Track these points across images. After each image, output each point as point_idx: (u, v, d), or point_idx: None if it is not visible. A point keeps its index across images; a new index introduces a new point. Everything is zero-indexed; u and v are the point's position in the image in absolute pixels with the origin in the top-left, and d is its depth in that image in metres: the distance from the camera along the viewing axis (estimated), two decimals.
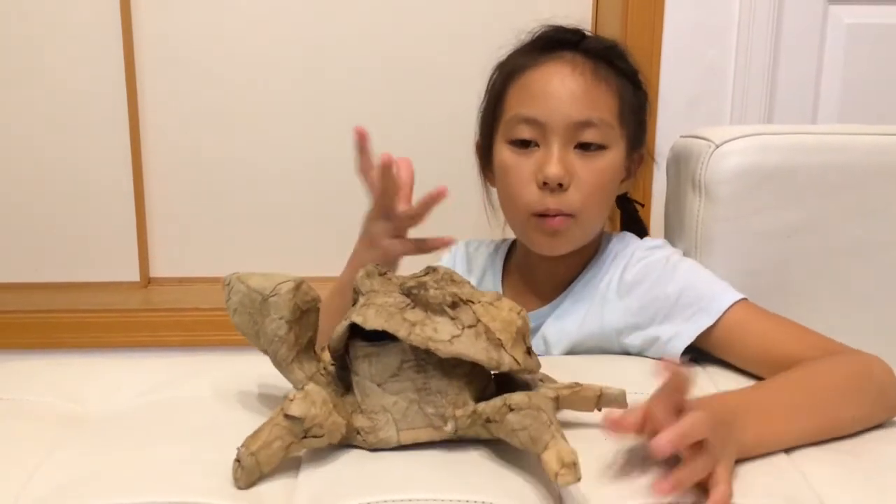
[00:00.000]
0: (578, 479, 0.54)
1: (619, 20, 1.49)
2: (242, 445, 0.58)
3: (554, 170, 0.88)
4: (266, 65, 1.55)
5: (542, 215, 0.91)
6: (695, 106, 1.50)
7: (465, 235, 1.13)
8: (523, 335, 0.64)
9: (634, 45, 1.46)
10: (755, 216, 0.94)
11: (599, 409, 0.66)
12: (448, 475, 0.59)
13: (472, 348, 0.60)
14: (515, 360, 0.62)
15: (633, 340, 0.89)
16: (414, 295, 0.62)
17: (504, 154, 0.93)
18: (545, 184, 0.89)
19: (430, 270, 0.65)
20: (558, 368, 0.80)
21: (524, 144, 0.91)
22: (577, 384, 0.66)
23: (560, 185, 0.88)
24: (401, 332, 0.60)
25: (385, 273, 0.67)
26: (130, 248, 1.60)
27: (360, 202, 1.60)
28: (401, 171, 0.91)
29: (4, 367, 0.85)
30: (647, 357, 0.88)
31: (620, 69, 0.94)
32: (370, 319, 0.61)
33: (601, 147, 0.90)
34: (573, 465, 0.54)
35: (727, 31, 1.51)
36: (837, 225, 0.95)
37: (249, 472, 0.58)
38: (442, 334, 0.60)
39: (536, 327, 0.97)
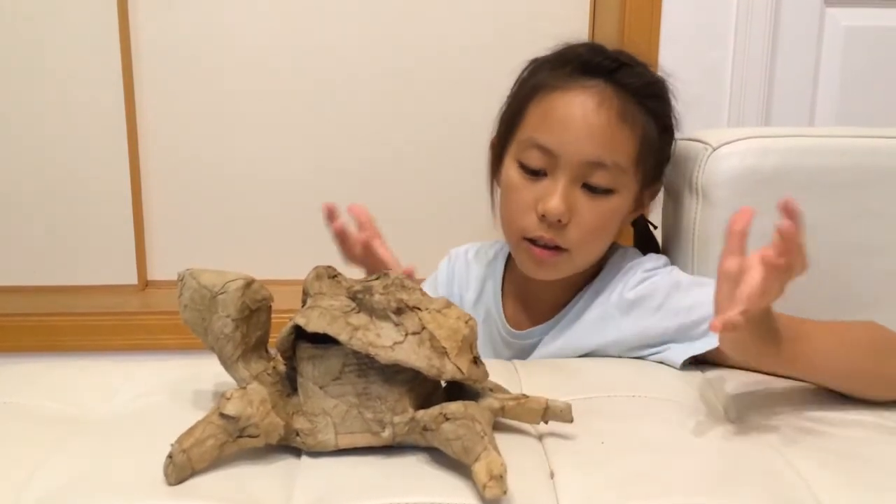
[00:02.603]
0: (504, 493, 0.54)
1: (617, 23, 1.49)
2: (176, 441, 0.59)
3: (555, 206, 0.86)
4: (264, 67, 1.55)
5: (533, 242, 0.89)
6: (692, 109, 1.49)
7: (469, 237, 1.13)
8: (470, 344, 0.64)
9: (631, 47, 1.45)
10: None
11: (546, 422, 0.65)
12: (448, 478, 0.59)
13: (412, 355, 0.60)
14: (459, 369, 0.62)
15: (637, 355, 0.89)
16: (359, 299, 0.62)
17: (511, 173, 0.91)
18: (544, 216, 0.87)
19: (382, 275, 0.65)
20: (557, 369, 0.81)
21: (533, 172, 0.89)
22: (523, 395, 0.66)
23: (559, 220, 0.87)
24: (342, 336, 0.60)
25: (336, 276, 0.67)
26: (128, 251, 1.60)
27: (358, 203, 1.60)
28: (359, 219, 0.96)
29: (2, 370, 0.85)
30: (644, 359, 0.88)
31: (651, 108, 0.90)
32: (313, 321, 0.61)
33: (609, 191, 0.88)
34: (500, 478, 0.54)
35: (724, 33, 1.51)
36: (835, 227, 0.95)
37: (180, 468, 0.58)
38: (384, 340, 0.60)
39: (534, 344, 0.96)
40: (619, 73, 0.89)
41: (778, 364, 0.75)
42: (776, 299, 0.66)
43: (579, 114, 0.87)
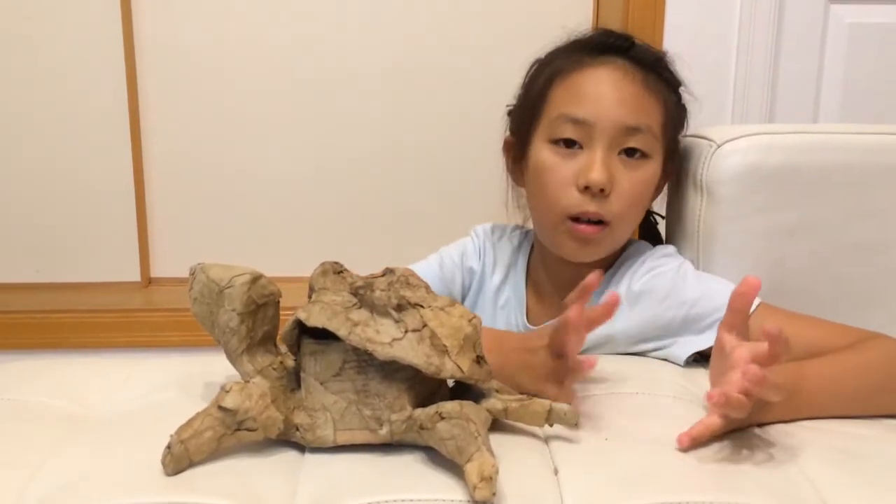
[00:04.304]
0: (494, 494, 0.54)
1: (620, 22, 1.49)
2: (174, 433, 0.59)
3: (598, 175, 0.86)
4: (267, 66, 1.55)
5: (577, 220, 0.88)
6: (696, 106, 1.49)
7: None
8: (473, 343, 0.64)
9: None
10: (756, 216, 0.94)
11: (551, 425, 0.65)
12: (449, 476, 0.59)
13: (411, 352, 0.60)
14: (459, 367, 0.61)
15: (643, 348, 0.89)
16: (360, 295, 0.63)
17: (544, 154, 0.90)
18: (587, 188, 0.87)
19: (388, 271, 0.65)
20: None
21: (568, 145, 0.89)
22: (528, 397, 0.66)
23: (602, 190, 0.87)
24: (341, 331, 0.60)
25: (341, 271, 0.67)
26: (131, 249, 1.60)
27: (359, 202, 1.60)
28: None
29: (6, 367, 0.85)
30: (648, 357, 0.88)
31: (667, 80, 0.93)
32: (313, 316, 0.61)
33: (645, 156, 0.89)
34: (490, 480, 0.54)
35: (728, 31, 1.51)
36: (839, 224, 0.95)
37: (178, 459, 0.59)
38: (383, 336, 0.60)
39: None
40: (633, 50, 0.92)
41: (775, 418, 0.71)
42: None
43: (609, 84, 0.89)
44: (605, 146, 0.87)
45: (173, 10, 1.53)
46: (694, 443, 0.64)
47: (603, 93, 0.88)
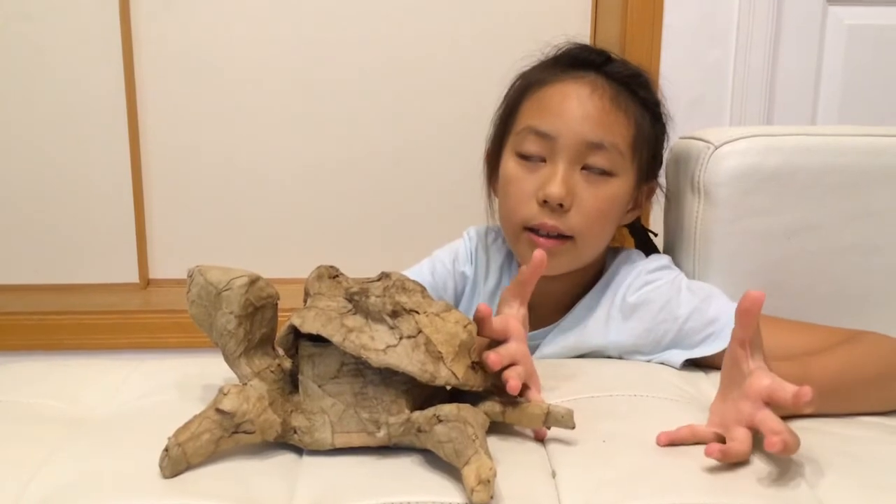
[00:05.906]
0: (491, 497, 0.54)
1: (619, 22, 1.49)
2: (172, 435, 0.59)
3: (556, 190, 0.86)
4: (266, 66, 1.55)
5: (535, 232, 0.88)
6: (694, 108, 1.50)
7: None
8: (468, 349, 0.64)
9: (634, 47, 1.46)
10: (754, 217, 0.94)
11: (548, 427, 0.65)
12: (448, 479, 0.59)
13: (405, 359, 0.60)
14: (454, 374, 0.61)
15: (635, 359, 0.89)
16: (356, 301, 0.63)
17: (510, 166, 0.91)
18: (545, 202, 0.87)
19: (383, 276, 0.65)
20: (558, 369, 0.81)
21: (531, 158, 0.89)
22: (525, 399, 0.66)
23: (560, 205, 0.86)
24: (336, 338, 0.60)
25: (337, 276, 0.67)
26: (130, 250, 1.60)
27: (358, 203, 1.60)
28: None
29: (4, 368, 0.85)
30: (646, 361, 0.88)
31: (641, 98, 0.91)
32: (308, 322, 0.61)
33: (608, 173, 0.88)
34: (487, 483, 0.54)
35: (727, 32, 1.51)
36: (837, 226, 0.95)
37: (175, 462, 0.59)
38: (377, 343, 0.60)
39: (535, 346, 0.95)
40: (608, 65, 0.91)
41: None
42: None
43: (574, 99, 0.88)
44: (567, 161, 0.87)
45: (173, 10, 1.53)
46: (672, 443, 0.65)
47: (568, 108, 0.88)
